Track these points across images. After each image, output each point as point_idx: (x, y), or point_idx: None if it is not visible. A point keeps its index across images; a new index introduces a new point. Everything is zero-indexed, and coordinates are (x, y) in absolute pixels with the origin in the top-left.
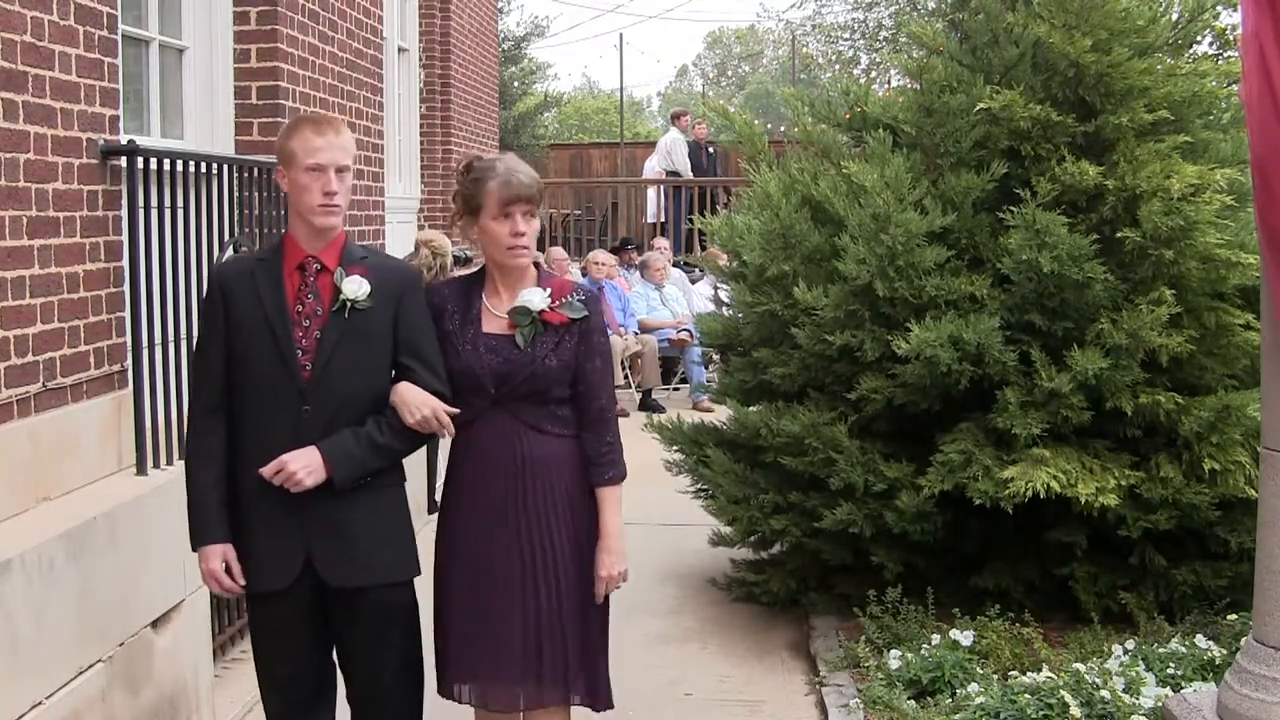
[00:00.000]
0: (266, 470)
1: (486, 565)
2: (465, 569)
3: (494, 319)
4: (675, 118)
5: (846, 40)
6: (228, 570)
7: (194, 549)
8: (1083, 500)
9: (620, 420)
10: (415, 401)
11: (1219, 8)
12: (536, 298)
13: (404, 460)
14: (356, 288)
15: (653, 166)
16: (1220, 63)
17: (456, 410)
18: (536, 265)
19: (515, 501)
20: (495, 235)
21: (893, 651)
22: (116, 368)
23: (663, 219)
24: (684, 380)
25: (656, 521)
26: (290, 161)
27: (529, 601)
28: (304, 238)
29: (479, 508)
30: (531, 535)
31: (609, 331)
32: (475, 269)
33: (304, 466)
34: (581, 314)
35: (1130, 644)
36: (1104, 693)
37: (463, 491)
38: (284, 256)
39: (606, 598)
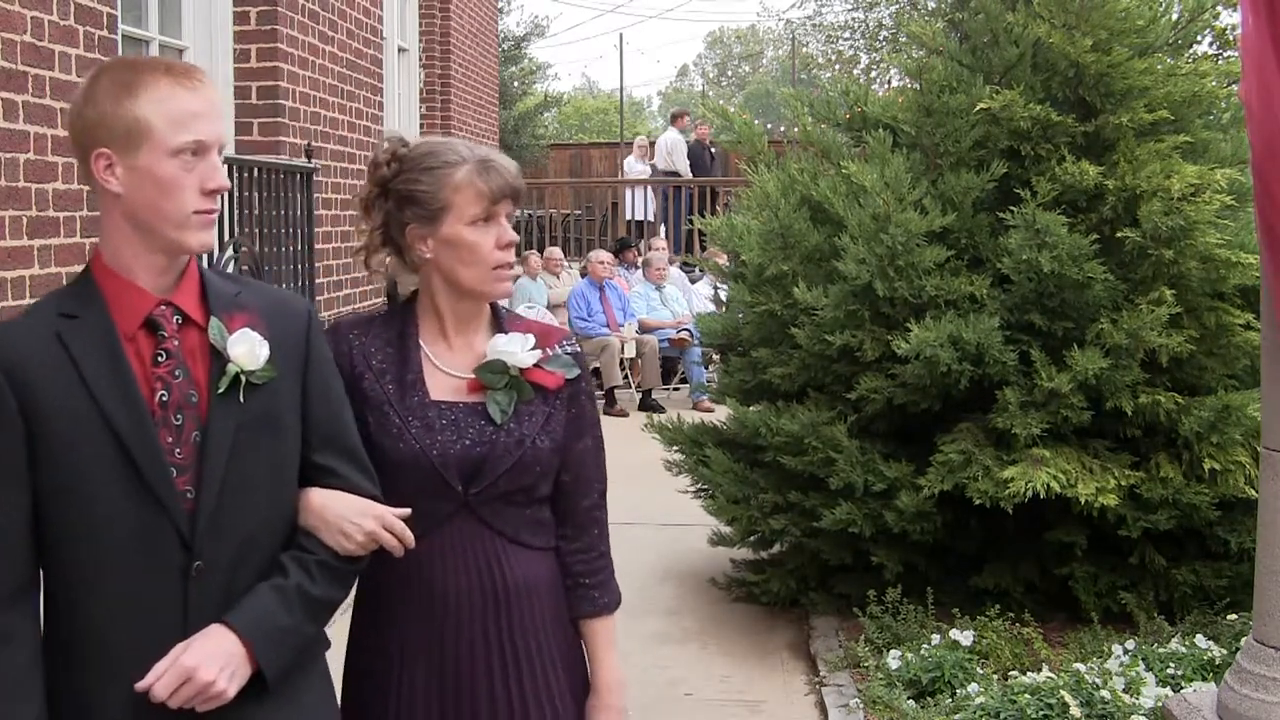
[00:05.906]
0: (159, 687)
1: None
2: None
3: (445, 380)
4: (675, 118)
5: (846, 40)
6: None
7: None
8: (1082, 500)
9: (620, 420)
10: (351, 514)
11: (1219, 8)
12: (518, 348)
13: None
14: (253, 350)
15: (631, 164)
16: (1220, 63)
17: (407, 511)
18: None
19: (494, 652)
20: (472, 249)
21: (893, 651)
22: None
23: (649, 218)
24: (684, 380)
25: (656, 521)
26: (138, 138)
27: None
28: (146, 271)
29: (433, 665)
30: (511, 698)
31: (608, 332)
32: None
33: (222, 668)
34: (575, 373)
35: (1130, 644)
36: (1104, 693)
37: (405, 643)
38: (111, 307)
39: None
